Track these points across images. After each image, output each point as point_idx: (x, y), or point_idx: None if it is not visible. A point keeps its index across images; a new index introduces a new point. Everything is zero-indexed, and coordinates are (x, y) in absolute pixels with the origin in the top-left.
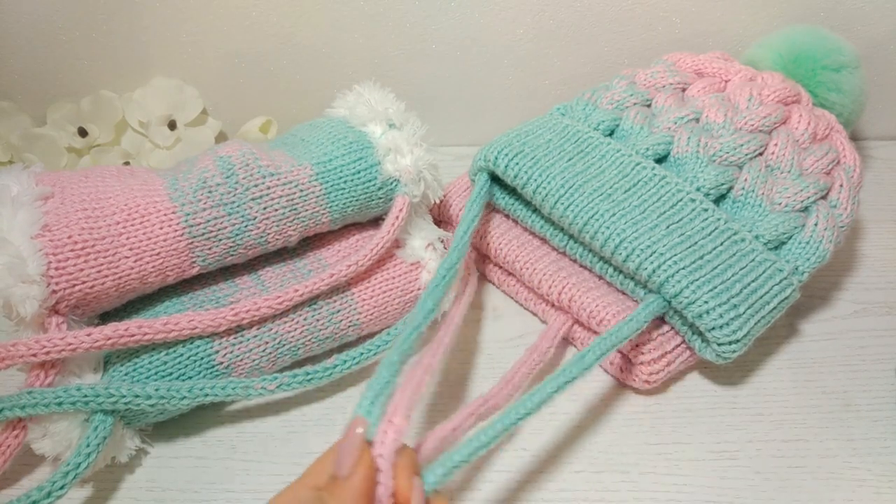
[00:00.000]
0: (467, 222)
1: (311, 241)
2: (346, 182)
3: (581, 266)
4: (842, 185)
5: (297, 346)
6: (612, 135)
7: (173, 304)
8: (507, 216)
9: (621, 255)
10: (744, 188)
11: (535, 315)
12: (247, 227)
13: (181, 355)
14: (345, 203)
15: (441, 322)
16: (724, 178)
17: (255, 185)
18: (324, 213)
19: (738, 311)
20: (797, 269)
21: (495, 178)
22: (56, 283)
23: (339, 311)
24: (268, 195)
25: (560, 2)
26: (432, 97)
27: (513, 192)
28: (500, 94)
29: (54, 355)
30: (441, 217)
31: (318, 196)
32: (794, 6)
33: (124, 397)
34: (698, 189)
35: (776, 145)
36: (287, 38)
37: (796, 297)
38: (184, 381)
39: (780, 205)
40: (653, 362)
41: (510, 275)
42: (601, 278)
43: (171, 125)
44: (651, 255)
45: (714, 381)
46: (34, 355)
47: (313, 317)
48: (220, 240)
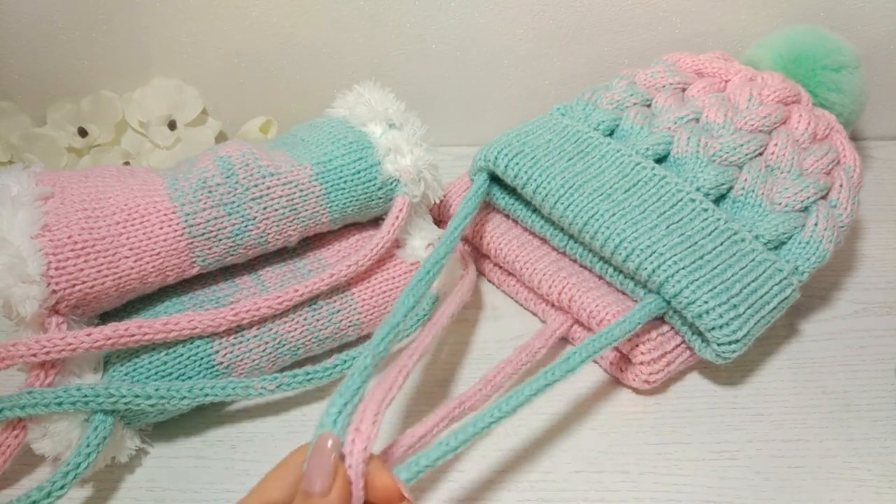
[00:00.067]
0: (459, 219)
1: (311, 241)
2: (346, 182)
3: (581, 266)
4: (842, 185)
5: (297, 346)
6: (612, 135)
7: (173, 304)
8: (507, 216)
9: (621, 255)
10: (744, 188)
11: (535, 315)
12: (247, 227)
13: (181, 355)
14: (345, 203)
15: (429, 319)
16: (724, 178)
17: (255, 185)
18: (324, 213)
19: (738, 311)
20: (797, 269)
21: (495, 179)
22: (56, 283)
23: (339, 311)
24: (268, 195)
25: (560, 2)
26: (432, 97)
27: (513, 192)
28: (500, 94)
29: (54, 355)
30: (441, 217)
31: (318, 196)
32: (794, 6)
33: (124, 397)
34: (698, 189)
35: (776, 145)
36: (287, 38)
37: (796, 297)
38: (184, 381)
39: (780, 205)
40: (653, 362)
41: (510, 275)
42: (601, 278)
43: (171, 125)
44: (651, 255)
45: (714, 381)
46: (34, 355)
47: (313, 317)
48: (220, 240)
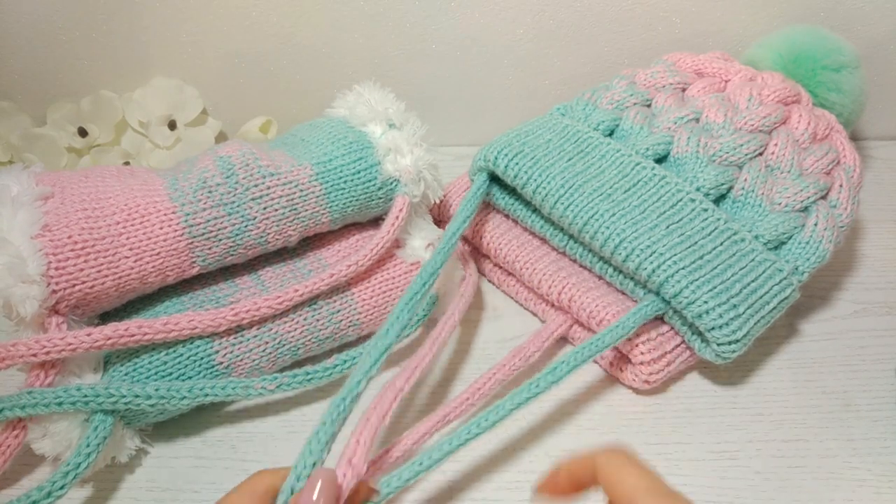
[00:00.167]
0: (459, 222)
1: (311, 241)
2: (346, 182)
3: (581, 266)
4: (842, 185)
5: (297, 346)
6: (612, 135)
7: (173, 304)
8: (507, 216)
9: (621, 255)
10: (744, 188)
11: (535, 315)
12: (247, 227)
13: (181, 355)
14: (345, 203)
15: (432, 333)
16: (724, 178)
17: (255, 185)
18: (324, 213)
19: (738, 311)
20: (797, 269)
21: (495, 179)
22: (56, 283)
23: (339, 311)
24: (268, 195)
25: (560, 2)
26: (432, 97)
27: (512, 192)
28: (500, 94)
29: (54, 355)
30: (441, 217)
31: (318, 196)
32: (794, 6)
33: (124, 397)
34: (698, 189)
35: (776, 145)
36: (287, 38)
37: (796, 297)
38: (184, 381)
39: (779, 205)
40: (653, 362)
41: (510, 275)
42: (601, 278)
43: (171, 125)
44: (651, 255)
45: (714, 381)
46: (34, 355)
47: (313, 317)
48: (220, 240)
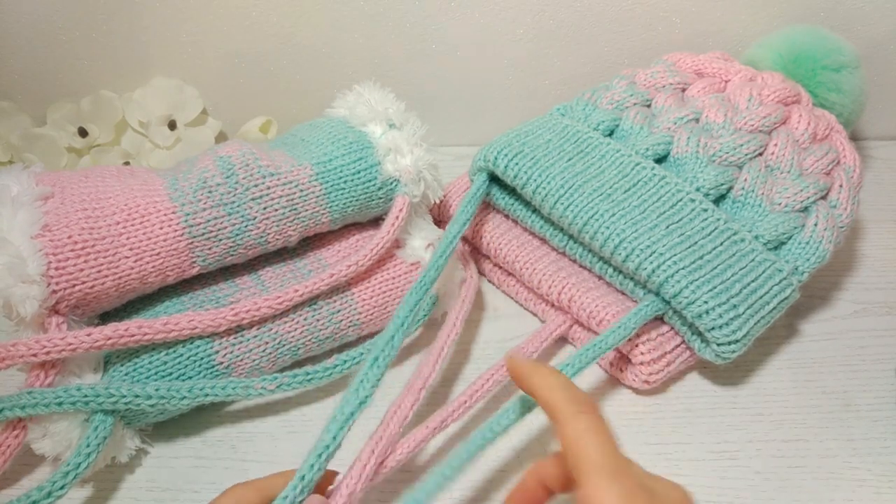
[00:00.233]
0: (459, 224)
1: (311, 241)
2: (346, 182)
3: (581, 266)
4: (842, 186)
5: (297, 346)
6: (611, 135)
7: (173, 304)
8: (507, 216)
9: (621, 255)
10: (743, 188)
11: (535, 315)
12: (247, 227)
13: (181, 355)
14: (345, 203)
15: (432, 348)
16: (724, 178)
17: (255, 185)
18: (324, 213)
19: (738, 311)
20: (797, 269)
21: (495, 179)
22: (56, 283)
23: (339, 311)
24: (268, 195)
25: (560, 2)
26: (432, 97)
27: (512, 192)
28: (500, 94)
29: (54, 355)
30: (441, 217)
31: (318, 196)
32: (794, 6)
33: (124, 397)
34: (698, 189)
35: (776, 145)
36: (287, 38)
37: (796, 297)
38: (184, 381)
39: (779, 205)
40: (653, 362)
41: (510, 275)
42: (601, 278)
43: (171, 125)
44: (651, 255)
45: (714, 381)
46: (34, 355)
47: (313, 317)
48: (220, 240)
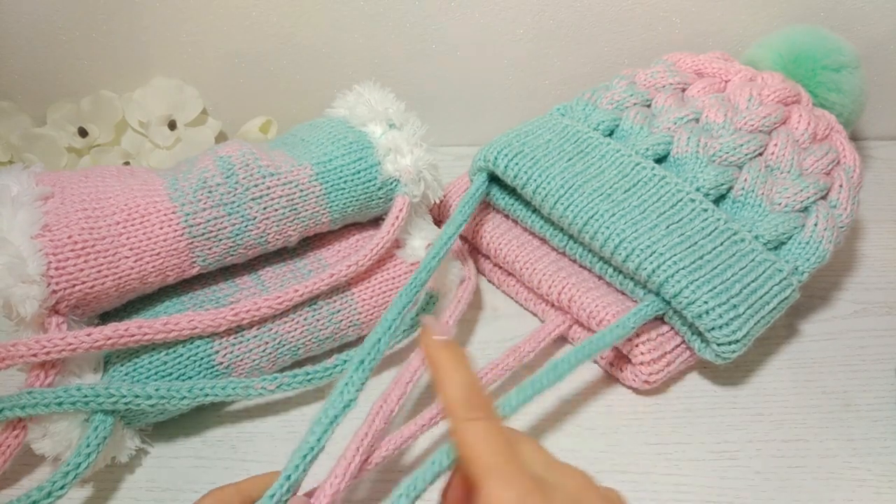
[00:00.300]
0: (456, 224)
1: (311, 241)
2: (346, 182)
3: (581, 266)
4: (842, 186)
5: (297, 346)
6: (611, 135)
7: (173, 304)
8: (507, 216)
9: (621, 255)
10: (743, 188)
11: (535, 315)
12: (247, 227)
13: (181, 355)
14: (345, 203)
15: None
16: (724, 178)
17: (255, 185)
18: (324, 213)
19: (738, 312)
20: (797, 269)
21: (495, 179)
22: (56, 283)
23: (339, 311)
24: (268, 195)
25: (560, 2)
26: (432, 97)
27: (512, 192)
28: (500, 94)
29: (54, 355)
30: (441, 217)
31: (318, 196)
32: (794, 6)
33: (124, 397)
34: (698, 189)
35: (776, 145)
36: (287, 38)
37: (796, 297)
38: (184, 381)
39: (779, 205)
40: (653, 362)
41: (510, 275)
42: (601, 278)
43: (171, 125)
44: (651, 255)
45: (714, 381)
46: (34, 355)
47: (313, 317)
48: (220, 240)
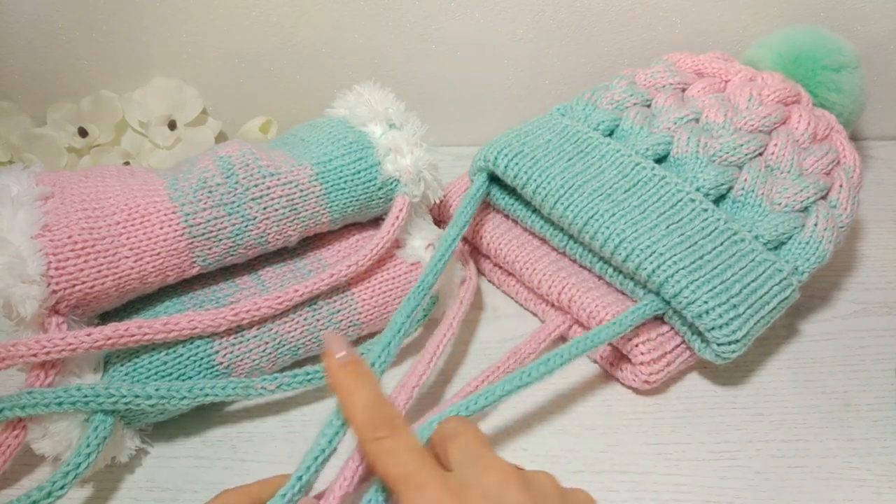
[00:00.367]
0: (459, 225)
1: (311, 241)
2: (346, 182)
3: (581, 266)
4: (842, 186)
5: (297, 346)
6: (611, 135)
7: (173, 304)
8: (507, 216)
9: (621, 255)
10: (743, 188)
11: (535, 315)
12: (247, 227)
13: (181, 355)
14: (345, 203)
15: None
16: (724, 178)
17: (255, 185)
18: (324, 213)
19: (738, 311)
20: (797, 269)
21: (495, 179)
22: (56, 283)
23: (339, 311)
24: (268, 195)
25: (560, 2)
26: (432, 97)
27: (512, 192)
28: (500, 94)
29: (54, 355)
30: (441, 217)
31: (318, 196)
32: (794, 6)
33: (124, 397)
34: (698, 189)
35: (776, 145)
36: (287, 38)
37: (796, 297)
38: (184, 381)
39: (779, 205)
40: (653, 362)
41: (510, 275)
42: (601, 278)
43: (171, 125)
44: (651, 255)
45: (714, 381)
46: (34, 355)
47: (313, 317)
48: (220, 240)
